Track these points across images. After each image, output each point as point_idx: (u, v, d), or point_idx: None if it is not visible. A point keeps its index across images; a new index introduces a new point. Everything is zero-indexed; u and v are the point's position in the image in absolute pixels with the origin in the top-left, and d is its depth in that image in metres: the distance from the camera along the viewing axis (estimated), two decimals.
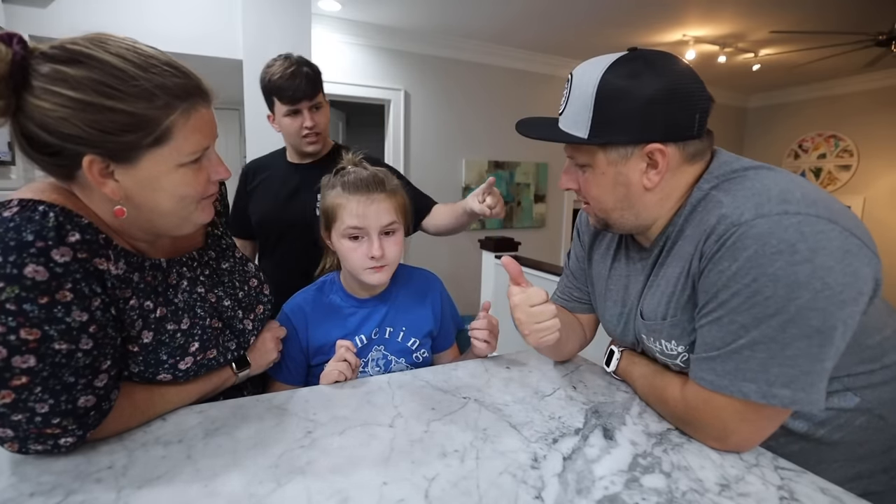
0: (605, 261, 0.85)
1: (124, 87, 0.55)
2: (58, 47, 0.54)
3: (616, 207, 0.70)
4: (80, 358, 0.55)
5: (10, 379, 0.51)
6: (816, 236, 0.53)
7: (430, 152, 3.53)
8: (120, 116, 0.55)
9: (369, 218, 0.84)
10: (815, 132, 4.58)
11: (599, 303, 0.88)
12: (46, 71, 0.53)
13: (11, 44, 0.52)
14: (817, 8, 2.77)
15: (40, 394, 0.53)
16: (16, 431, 0.53)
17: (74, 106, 0.53)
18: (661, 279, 0.70)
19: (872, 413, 0.64)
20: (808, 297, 0.52)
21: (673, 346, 0.69)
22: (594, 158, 0.67)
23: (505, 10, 2.90)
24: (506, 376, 0.88)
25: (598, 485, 0.55)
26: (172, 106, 0.58)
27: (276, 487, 0.53)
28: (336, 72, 3.13)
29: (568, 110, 0.67)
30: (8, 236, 0.51)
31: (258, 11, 2.17)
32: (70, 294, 0.54)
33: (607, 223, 0.73)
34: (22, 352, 0.51)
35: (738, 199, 0.59)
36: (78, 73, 0.53)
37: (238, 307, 0.77)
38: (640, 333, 0.76)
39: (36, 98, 0.53)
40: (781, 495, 0.54)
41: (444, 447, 0.62)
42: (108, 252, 0.60)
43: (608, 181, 0.68)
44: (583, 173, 0.70)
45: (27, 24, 1.93)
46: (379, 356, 0.92)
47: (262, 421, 0.68)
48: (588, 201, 0.73)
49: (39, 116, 0.53)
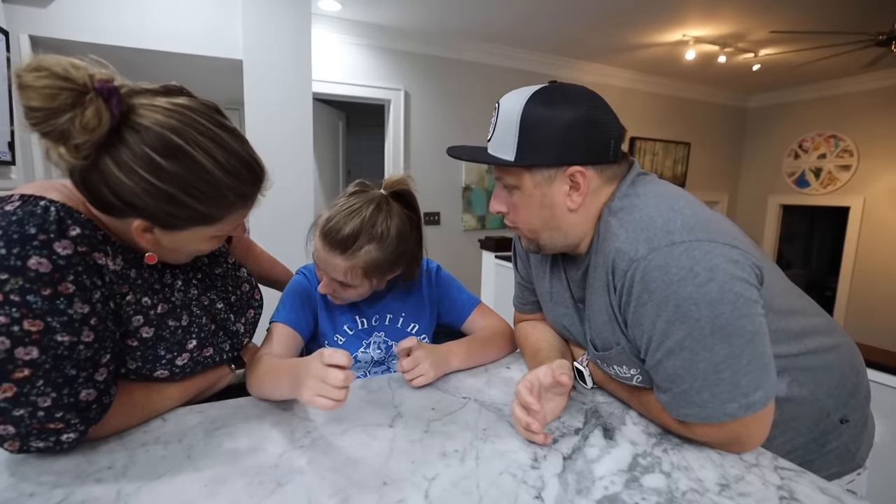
0: (543, 265, 0.89)
1: (207, 191, 0.57)
2: (157, 130, 0.53)
3: (544, 228, 0.73)
4: (82, 350, 0.56)
5: (13, 371, 0.51)
6: (706, 257, 0.59)
7: (430, 152, 3.53)
8: (191, 211, 0.58)
9: (327, 266, 0.85)
10: (815, 132, 4.57)
11: (544, 302, 0.91)
12: (141, 154, 0.53)
13: (110, 102, 0.51)
14: (817, 8, 2.77)
15: (42, 387, 0.53)
16: (18, 427, 0.53)
17: (156, 193, 0.55)
18: (595, 308, 0.73)
19: (802, 391, 0.71)
20: (730, 309, 0.58)
21: (625, 370, 0.72)
22: (521, 180, 0.71)
23: (505, 10, 2.90)
24: (506, 376, 0.88)
25: (598, 485, 0.55)
26: (237, 205, 0.63)
27: (276, 487, 0.53)
28: (336, 72, 3.13)
29: (496, 136, 0.71)
30: (11, 229, 0.52)
31: (258, 11, 2.16)
32: (72, 286, 0.55)
33: (538, 244, 0.77)
34: (25, 343, 0.52)
35: (629, 232, 0.65)
36: (172, 169, 0.54)
37: (230, 310, 0.78)
38: (594, 359, 0.78)
39: (119, 169, 0.53)
40: (781, 495, 0.54)
41: (444, 447, 0.62)
42: (106, 248, 0.61)
43: (535, 203, 0.71)
44: (511, 196, 0.73)
45: (27, 24, 1.92)
46: (380, 341, 0.94)
47: (262, 421, 0.68)
48: (517, 224, 0.76)
49: (115, 184, 0.54)
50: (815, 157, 4.59)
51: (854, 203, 4.31)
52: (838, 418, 0.74)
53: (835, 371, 0.74)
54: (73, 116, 0.49)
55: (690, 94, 4.68)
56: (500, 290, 2.82)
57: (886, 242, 4.12)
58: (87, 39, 2.01)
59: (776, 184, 4.88)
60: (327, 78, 3.08)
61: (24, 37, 1.93)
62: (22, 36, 1.93)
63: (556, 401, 0.71)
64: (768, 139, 5.01)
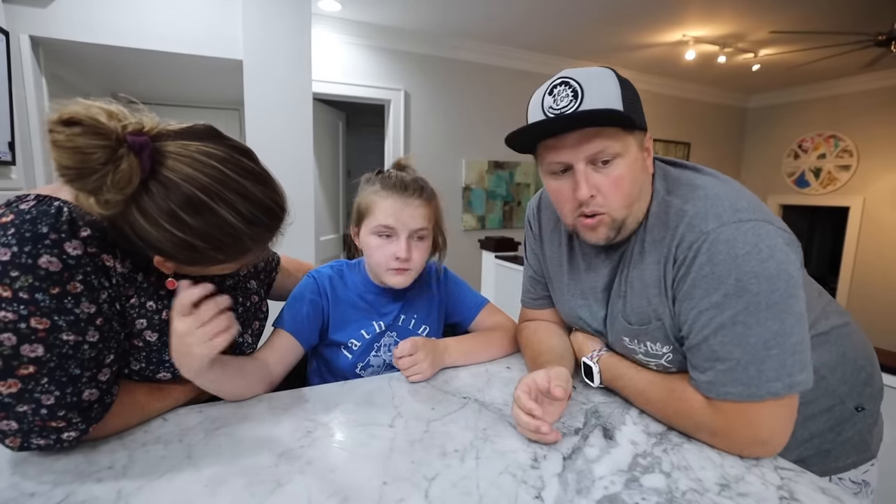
0: (559, 254, 0.87)
1: (229, 242, 0.58)
2: (185, 186, 0.54)
3: (639, 198, 0.70)
4: (87, 350, 0.56)
5: (18, 367, 0.52)
6: (768, 237, 0.61)
7: (430, 152, 3.53)
8: (212, 258, 0.60)
9: (402, 219, 0.85)
10: (815, 132, 4.58)
11: (558, 294, 0.89)
12: (167, 209, 0.53)
13: (142, 157, 0.52)
14: (817, 8, 2.77)
15: (46, 384, 0.54)
16: (20, 424, 0.54)
17: (179, 244, 0.56)
18: (637, 282, 0.72)
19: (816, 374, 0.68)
20: (784, 287, 0.59)
21: (658, 347, 0.72)
22: (627, 146, 0.67)
23: (505, 11, 2.90)
24: (506, 376, 0.88)
25: (598, 485, 0.56)
26: (255, 249, 0.63)
27: (276, 487, 0.53)
28: (336, 72, 3.13)
29: (591, 100, 0.64)
30: (24, 227, 0.53)
31: (258, 11, 2.17)
32: (80, 286, 0.55)
33: (622, 224, 0.70)
34: (31, 340, 0.52)
35: (698, 208, 0.65)
36: (196, 224, 0.55)
37: (237, 321, 0.78)
38: (622, 335, 0.77)
39: (146, 220, 0.54)
40: (781, 495, 0.54)
41: (444, 447, 0.62)
42: (115, 250, 0.61)
43: (637, 169, 0.69)
44: (605, 170, 0.67)
45: (27, 24, 1.92)
46: (391, 342, 0.94)
47: (262, 421, 0.68)
48: (610, 202, 0.68)
49: (139, 230, 0.55)
50: (815, 157, 4.59)
51: (854, 203, 4.31)
52: (853, 405, 0.75)
53: (848, 358, 0.76)
54: (105, 174, 0.49)
55: (690, 94, 4.68)
56: (501, 290, 2.82)
57: (886, 242, 4.12)
58: (87, 39, 2.01)
59: (776, 184, 4.88)
60: (327, 78, 3.08)
61: (24, 37, 1.93)
62: (22, 36, 1.93)
63: (554, 405, 0.70)
64: (768, 139, 5.01)
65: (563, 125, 0.65)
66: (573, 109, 0.65)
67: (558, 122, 0.65)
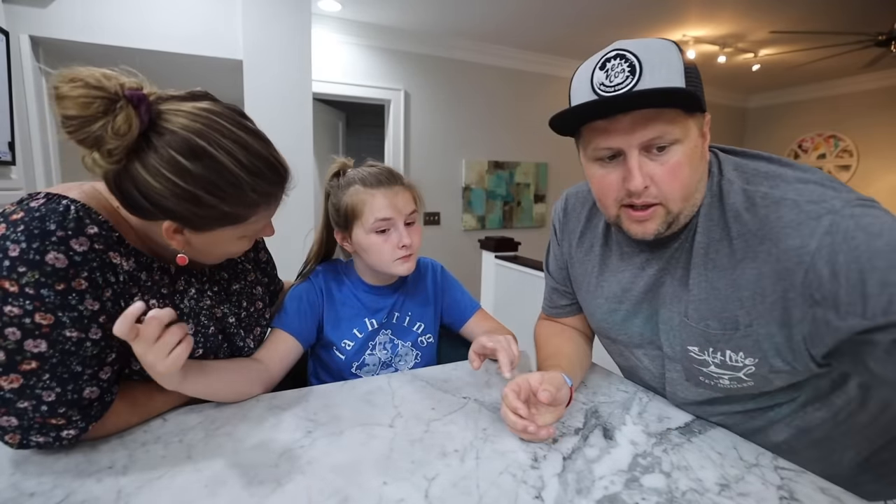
0: (590, 257, 0.81)
1: (230, 191, 0.59)
2: (181, 134, 0.56)
3: (698, 189, 0.63)
4: (89, 347, 0.57)
5: (21, 362, 0.53)
6: (886, 216, 0.53)
7: (430, 152, 3.53)
8: (217, 212, 0.60)
9: (397, 207, 0.86)
10: (815, 132, 4.58)
11: (588, 300, 0.83)
12: (167, 157, 0.55)
13: (140, 109, 0.53)
14: (817, 8, 2.77)
15: (48, 381, 0.54)
16: (20, 420, 0.54)
17: (182, 194, 0.57)
18: (716, 283, 0.62)
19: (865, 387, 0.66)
20: None
21: (740, 357, 0.62)
22: (687, 130, 0.59)
23: (505, 11, 2.90)
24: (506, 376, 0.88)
25: (597, 485, 0.56)
26: (261, 204, 0.64)
27: (276, 487, 0.53)
28: (336, 72, 3.13)
29: (646, 80, 0.56)
30: (33, 224, 0.54)
31: (258, 11, 2.17)
32: (85, 282, 0.56)
33: (676, 218, 0.63)
34: (35, 336, 0.53)
35: (804, 194, 0.57)
36: (196, 171, 0.56)
37: (240, 326, 0.80)
38: (688, 344, 0.67)
39: (147, 172, 0.55)
40: (781, 495, 0.54)
41: (444, 447, 0.62)
42: (120, 248, 0.62)
43: (697, 155, 0.61)
44: (661, 158, 0.60)
45: (27, 24, 1.93)
46: (386, 340, 0.94)
47: (262, 421, 0.68)
48: (667, 193, 0.61)
49: (144, 187, 0.56)
50: (815, 158, 4.59)
51: None
52: None
53: None
54: (106, 123, 0.51)
55: None
56: (500, 290, 2.82)
57: None
58: (87, 39, 2.01)
59: None
60: (327, 78, 3.08)
61: (24, 37, 1.93)
62: (22, 36, 1.93)
63: (550, 409, 0.68)
64: (768, 139, 5.01)
65: (619, 106, 0.58)
66: (629, 88, 0.57)
67: (614, 104, 0.57)
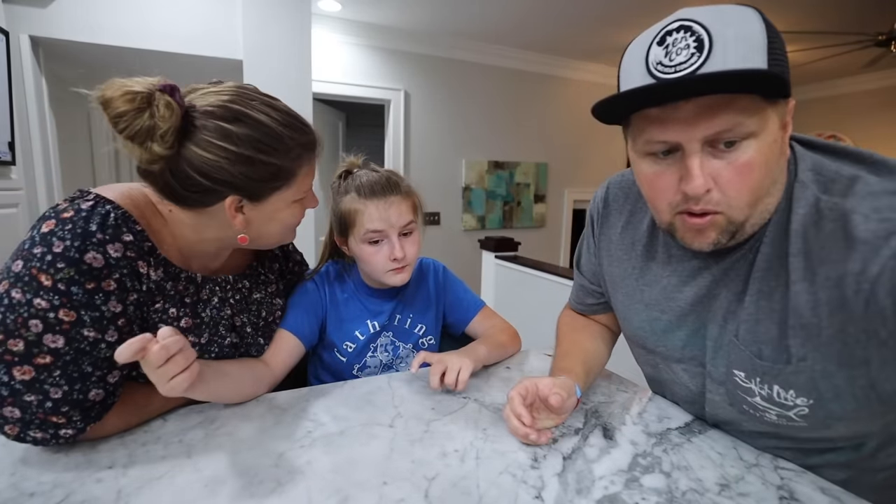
0: (630, 256, 0.72)
1: (275, 144, 0.64)
2: (218, 105, 0.61)
3: (771, 191, 0.52)
4: (103, 349, 0.58)
5: (37, 355, 0.54)
6: None
7: (430, 152, 3.53)
8: (268, 168, 0.64)
9: (389, 220, 0.85)
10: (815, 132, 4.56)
11: (625, 304, 0.73)
12: (212, 127, 0.60)
13: (175, 96, 0.57)
14: (817, 8, 2.77)
15: (58, 378, 0.55)
16: (24, 413, 0.55)
17: (235, 159, 0.61)
18: (777, 304, 0.53)
19: None
20: None
21: (790, 396, 0.53)
22: (765, 121, 0.48)
23: (505, 11, 2.90)
24: (506, 376, 0.88)
25: (597, 485, 0.56)
26: (302, 157, 0.69)
27: (276, 487, 0.53)
28: (336, 72, 3.13)
29: (716, 59, 0.45)
30: (79, 224, 0.57)
31: (258, 11, 2.17)
32: (114, 283, 0.58)
33: (741, 227, 0.52)
34: (55, 331, 0.54)
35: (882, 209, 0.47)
36: (241, 132, 0.61)
37: (258, 334, 0.81)
38: (735, 368, 0.58)
39: (199, 148, 0.60)
40: (781, 495, 0.54)
41: (444, 447, 0.63)
42: (150, 259, 0.64)
43: (776, 151, 0.50)
44: (730, 156, 0.49)
45: (27, 24, 1.93)
46: (387, 342, 0.94)
47: (262, 421, 0.68)
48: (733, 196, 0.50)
49: (199, 163, 0.60)
50: None
51: None
52: None
53: None
54: (152, 112, 0.56)
55: None
56: (501, 290, 2.83)
57: None
58: (88, 39, 2.01)
59: None
60: (327, 78, 3.08)
61: (24, 37, 1.93)
62: (22, 36, 1.93)
63: (552, 417, 0.66)
64: None
65: (680, 92, 0.47)
66: (694, 68, 0.45)
67: (674, 89, 0.47)
